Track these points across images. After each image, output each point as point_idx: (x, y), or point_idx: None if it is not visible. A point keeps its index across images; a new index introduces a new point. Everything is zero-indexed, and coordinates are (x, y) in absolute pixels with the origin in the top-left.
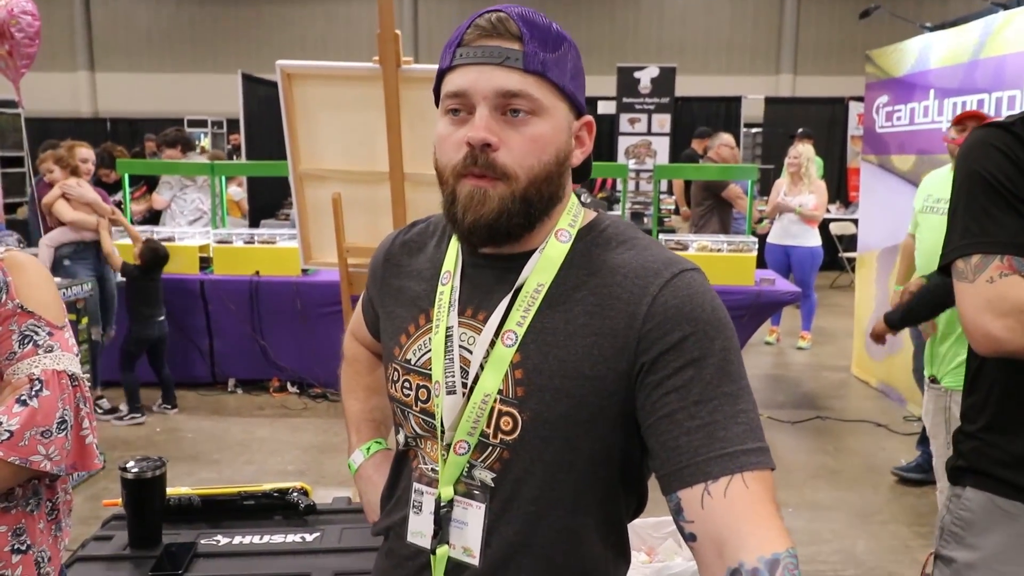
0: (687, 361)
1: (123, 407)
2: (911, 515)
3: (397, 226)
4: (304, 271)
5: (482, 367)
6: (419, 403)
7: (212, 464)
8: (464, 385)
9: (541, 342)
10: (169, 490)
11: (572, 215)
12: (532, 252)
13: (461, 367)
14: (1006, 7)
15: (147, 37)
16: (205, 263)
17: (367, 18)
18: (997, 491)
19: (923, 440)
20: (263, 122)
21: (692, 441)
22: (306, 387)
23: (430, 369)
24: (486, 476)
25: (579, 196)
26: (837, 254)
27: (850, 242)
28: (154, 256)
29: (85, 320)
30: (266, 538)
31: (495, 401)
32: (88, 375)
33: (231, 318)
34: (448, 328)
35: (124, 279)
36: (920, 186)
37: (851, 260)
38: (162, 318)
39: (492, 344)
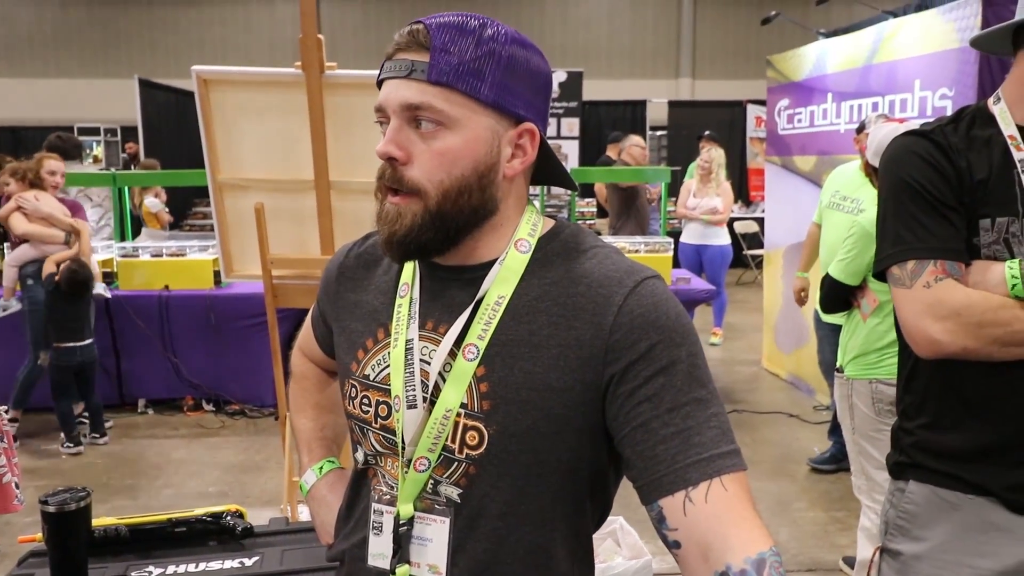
0: (657, 369)
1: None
2: (827, 501)
3: (324, 235)
4: (218, 284)
5: (443, 379)
6: (379, 419)
7: (126, 490)
8: (425, 399)
9: (506, 354)
10: (93, 521)
11: (532, 224)
12: (491, 263)
13: (422, 380)
14: (895, 15)
15: (28, 40)
16: (108, 278)
17: (267, 22)
18: (939, 483)
19: (834, 430)
20: (162, 129)
21: (668, 449)
22: (223, 404)
23: (389, 384)
24: (452, 492)
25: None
26: (742, 252)
27: (753, 240)
28: (72, 279)
29: None
30: (202, 566)
31: (459, 416)
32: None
33: (139, 335)
34: (408, 341)
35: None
36: (828, 180)
37: (755, 257)
38: (88, 342)
39: (452, 356)
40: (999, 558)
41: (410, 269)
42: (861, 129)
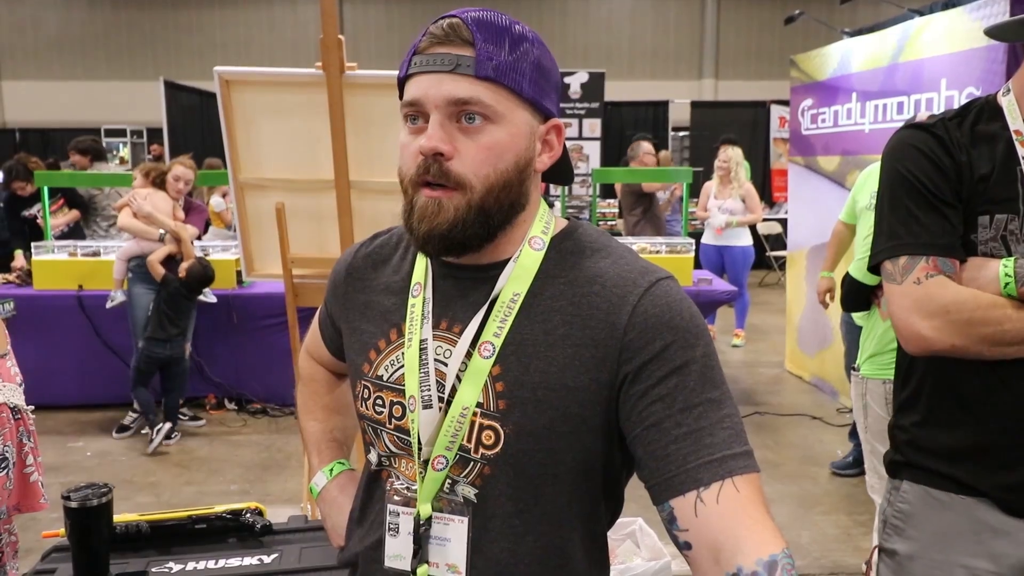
0: (670, 369)
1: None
2: (850, 504)
3: (344, 235)
4: (240, 283)
5: (459, 379)
6: (393, 420)
7: (149, 488)
8: (441, 399)
9: (521, 353)
10: (115, 517)
11: (544, 222)
12: (505, 261)
13: (437, 381)
14: (921, 13)
15: (57, 43)
16: None
17: (291, 23)
18: (931, 483)
19: (854, 432)
20: (187, 131)
21: (680, 449)
22: (245, 403)
23: (404, 385)
24: (469, 492)
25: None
26: (765, 253)
27: (776, 241)
28: (202, 275)
29: None
30: (221, 562)
31: (475, 415)
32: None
33: None
34: (422, 341)
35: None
36: (863, 179)
37: (778, 259)
38: (180, 339)
39: (468, 356)
40: (994, 560)
41: (422, 268)
42: None
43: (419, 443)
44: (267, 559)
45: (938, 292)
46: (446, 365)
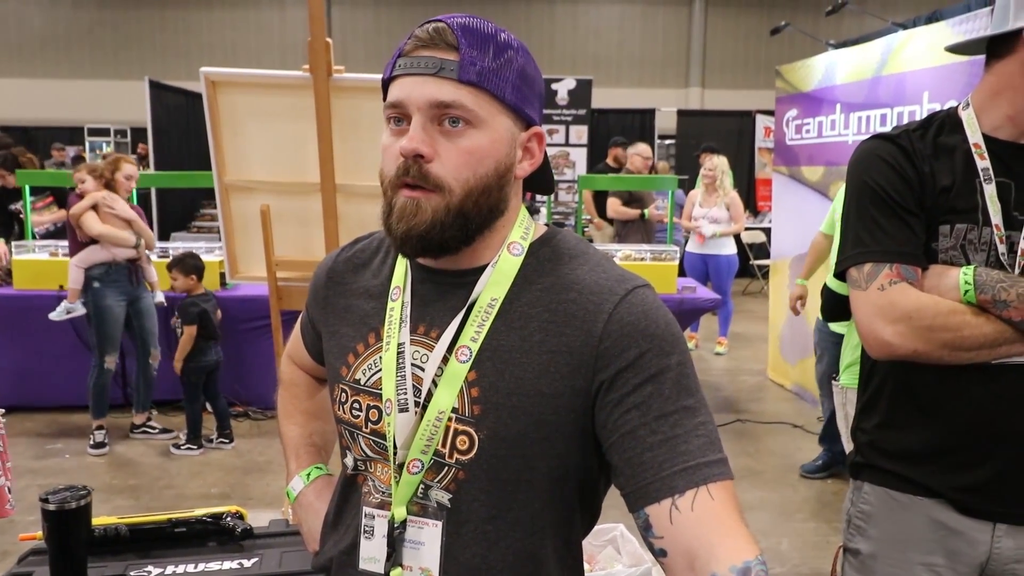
0: (646, 377)
1: (181, 436)
2: (830, 512)
3: (329, 238)
4: (223, 285)
5: (435, 384)
6: (369, 424)
7: (128, 491)
8: (417, 403)
9: (497, 359)
10: (93, 520)
11: (524, 228)
12: (483, 267)
13: (413, 385)
14: (905, 27)
15: (41, 41)
16: None
17: (277, 25)
18: (891, 485)
19: (824, 437)
20: (171, 131)
21: (656, 456)
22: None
23: (381, 388)
24: (442, 496)
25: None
26: (748, 262)
27: (760, 250)
28: (203, 318)
29: None
30: (201, 566)
31: (450, 420)
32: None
33: None
34: (400, 345)
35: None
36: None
37: (762, 267)
38: (216, 341)
39: (445, 360)
40: (951, 557)
41: (401, 272)
42: None
43: (395, 446)
44: (247, 563)
45: (901, 298)
46: (423, 370)
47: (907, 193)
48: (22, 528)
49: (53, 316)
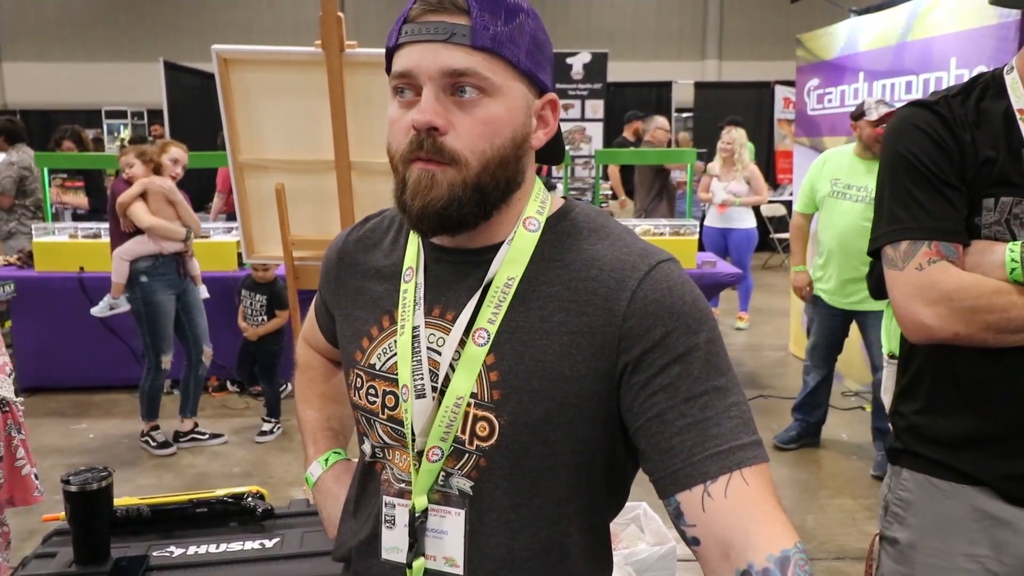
0: (673, 357)
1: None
2: (855, 488)
3: (345, 216)
4: (241, 266)
5: (453, 368)
6: (386, 410)
7: (151, 470)
8: (434, 389)
9: (516, 341)
10: (115, 500)
11: (540, 201)
12: (499, 244)
13: (430, 369)
14: None
15: (58, 25)
16: None
17: (291, 3)
18: (932, 472)
19: (797, 407)
20: (187, 112)
21: (685, 441)
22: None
23: (396, 374)
24: (464, 484)
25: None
26: (768, 235)
27: (780, 223)
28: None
29: (8, 324)
30: (223, 546)
31: (469, 405)
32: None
33: None
34: (415, 328)
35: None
36: (819, 167)
37: (782, 241)
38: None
39: (462, 344)
40: (997, 549)
41: (413, 252)
42: (859, 116)
43: (413, 434)
44: (268, 543)
45: (941, 278)
46: (439, 354)
47: (946, 164)
48: (47, 508)
49: (95, 311)
